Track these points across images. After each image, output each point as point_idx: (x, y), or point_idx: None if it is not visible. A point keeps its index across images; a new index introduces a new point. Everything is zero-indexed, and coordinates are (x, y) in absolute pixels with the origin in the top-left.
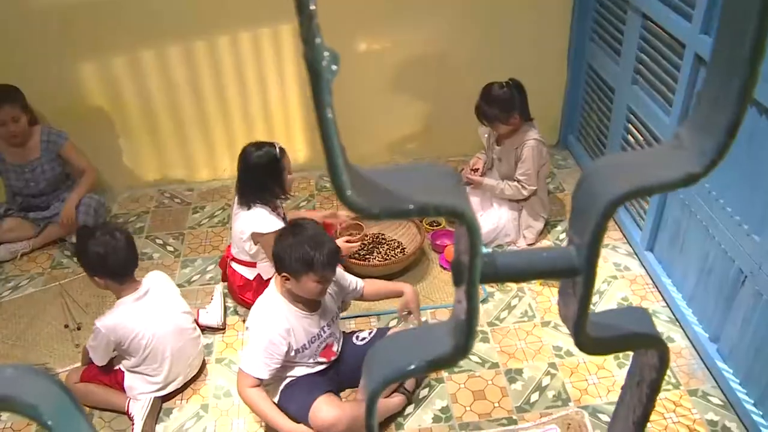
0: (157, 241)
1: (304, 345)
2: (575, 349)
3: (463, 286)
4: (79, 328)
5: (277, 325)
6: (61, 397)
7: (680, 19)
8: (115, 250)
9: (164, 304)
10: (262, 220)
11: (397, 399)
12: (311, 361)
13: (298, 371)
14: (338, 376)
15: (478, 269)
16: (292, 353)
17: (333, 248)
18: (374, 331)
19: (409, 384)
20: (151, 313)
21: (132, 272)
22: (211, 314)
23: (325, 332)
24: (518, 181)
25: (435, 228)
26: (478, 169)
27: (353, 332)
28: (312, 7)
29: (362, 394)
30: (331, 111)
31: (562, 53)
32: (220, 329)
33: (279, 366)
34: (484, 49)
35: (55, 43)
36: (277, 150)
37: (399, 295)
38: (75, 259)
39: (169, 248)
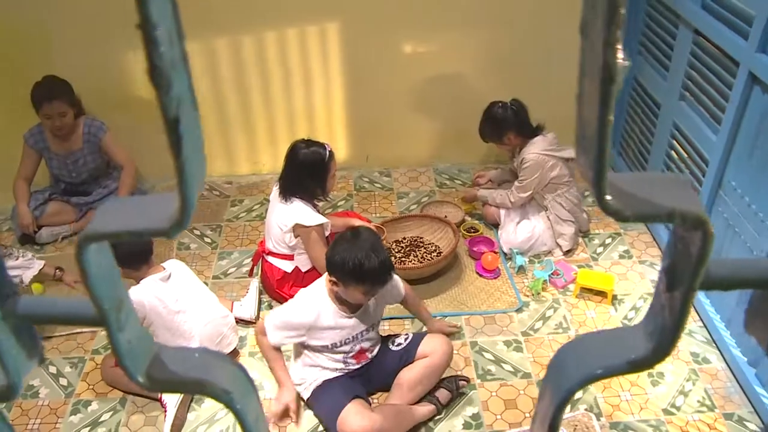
0: (195, 231)
1: (335, 344)
2: None
3: (678, 291)
4: None
5: (307, 314)
6: (244, 381)
7: (736, 36)
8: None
9: (189, 286)
10: (305, 213)
11: (427, 408)
12: (342, 360)
13: (330, 365)
14: (370, 379)
15: (700, 277)
16: (323, 346)
17: (386, 263)
18: (410, 337)
19: (443, 396)
20: (177, 293)
21: (147, 259)
22: (246, 307)
23: (362, 336)
24: (513, 188)
25: (472, 234)
26: (479, 181)
27: (389, 337)
28: (622, 11)
29: (549, 392)
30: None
31: None
32: (253, 323)
33: (292, 340)
34: (528, 59)
35: (102, 33)
36: (327, 152)
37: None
38: None
39: (207, 239)
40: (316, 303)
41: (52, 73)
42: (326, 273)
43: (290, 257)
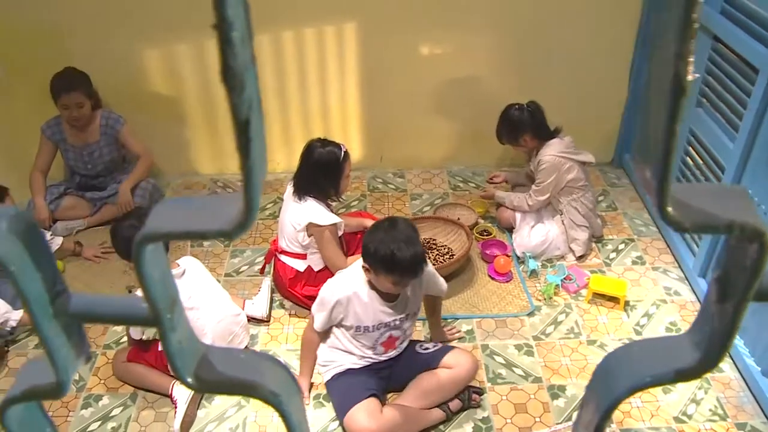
0: None
1: (368, 327)
2: None
3: (730, 302)
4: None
5: (344, 290)
6: (290, 383)
7: (756, 43)
8: None
9: (202, 283)
10: (319, 212)
11: (437, 414)
12: (372, 346)
13: (358, 352)
14: (391, 377)
15: (754, 289)
16: (354, 329)
17: (419, 255)
18: (438, 345)
19: (455, 405)
20: (190, 290)
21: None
22: (257, 306)
23: (395, 324)
24: (530, 191)
25: (486, 238)
26: (494, 181)
27: (417, 341)
28: (696, 25)
29: (595, 399)
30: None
31: (624, 71)
32: (265, 321)
33: (332, 319)
34: (545, 61)
35: (122, 28)
36: (342, 152)
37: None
38: None
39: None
40: (353, 282)
41: (72, 66)
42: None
43: (303, 256)
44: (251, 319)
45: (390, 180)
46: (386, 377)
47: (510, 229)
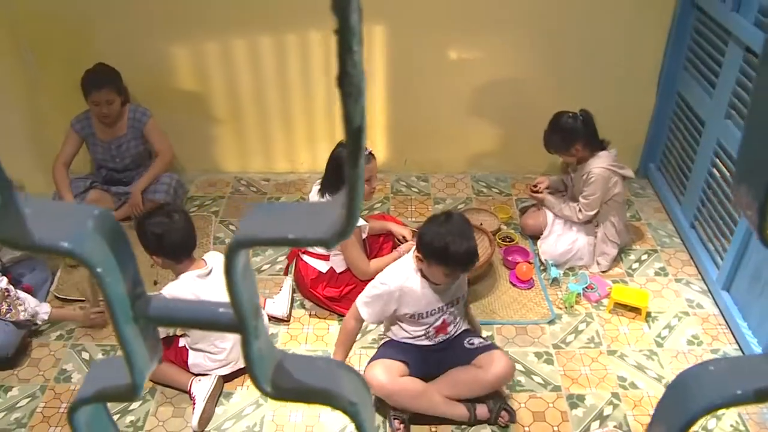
0: (231, 227)
1: (422, 314)
2: (641, 382)
3: None
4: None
5: (396, 280)
6: (365, 391)
7: None
8: (171, 230)
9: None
10: None
11: (460, 410)
12: (425, 332)
13: (415, 334)
14: (436, 364)
15: None
16: (409, 316)
17: (472, 251)
18: (484, 343)
19: (481, 412)
20: (215, 290)
21: (190, 253)
22: (278, 305)
23: (445, 309)
24: (579, 204)
25: (508, 244)
26: (539, 187)
27: (468, 333)
28: None
29: (669, 415)
30: None
31: (651, 80)
32: (285, 320)
33: (384, 311)
34: (572, 69)
35: (151, 23)
36: (369, 152)
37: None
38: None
39: None
40: (404, 271)
41: (100, 61)
42: (413, 248)
43: (326, 257)
44: (271, 318)
45: (414, 183)
46: (434, 363)
47: (534, 237)
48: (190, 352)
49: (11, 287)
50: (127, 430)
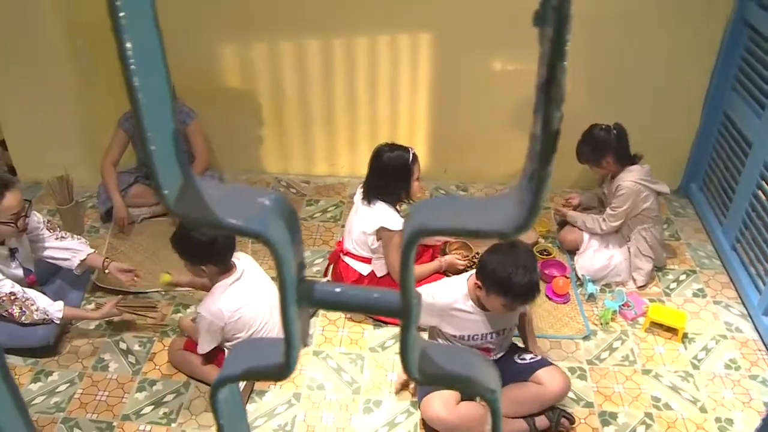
0: None
1: (464, 336)
2: (675, 403)
3: None
4: None
5: (447, 297)
6: (498, 382)
7: None
8: (218, 235)
9: (259, 283)
10: (390, 216)
11: (520, 425)
12: None
13: None
14: None
15: None
16: (450, 335)
17: (534, 284)
18: (538, 358)
19: (541, 423)
20: (249, 292)
21: (225, 260)
22: None
23: (490, 338)
24: (604, 214)
25: (545, 257)
26: (571, 202)
27: (517, 349)
28: None
29: None
30: None
31: (698, 98)
32: (312, 316)
33: (429, 321)
34: (614, 84)
35: (199, 22)
36: (410, 155)
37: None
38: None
39: None
40: (454, 292)
41: None
42: (473, 272)
43: (368, 261)
44: None
45: (453, 192)
46: None
47: (572, 251)
48: (227, 351)
49: (18, 288)
50: (161, 421)
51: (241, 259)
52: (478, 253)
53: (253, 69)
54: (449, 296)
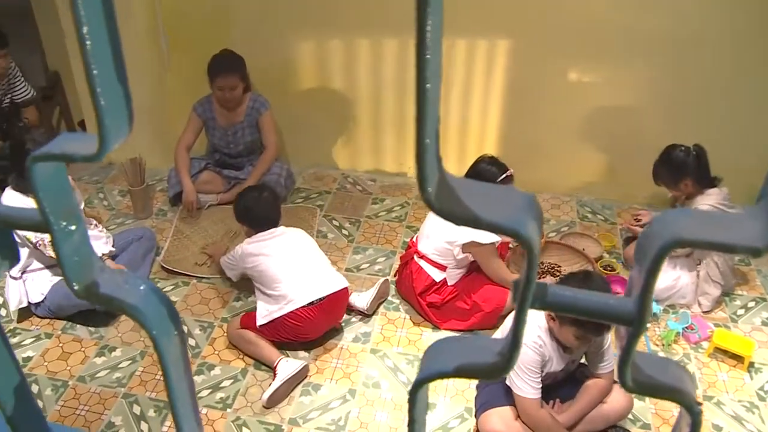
0: (334, 222)
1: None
2: None
3: None
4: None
5: (537, 353)
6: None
7: None
8: (258, 205)
9: (296, 239)
10: (481, 230)
11: None
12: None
13: None
14: (545, 393)
15: None
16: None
17: None
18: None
19: None
20: (281, 243)
21: (271, 226)
22: (362, 297)
23: (565, 370)
24: None
25: (609, 273)
26: (640, 220)
27: (583, 363)
28: None
29: None
30: None
31: None
32: (366, 314)
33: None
34: (691, 102)
35: (280, 17)
36: (502, 175)
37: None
38: None
39: (344, 231)
40: (541, 341)
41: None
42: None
43: (443, 268)
44: (352, 310)
45: None
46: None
47: None
48: (258, 303)
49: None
50: (216, 405)
51: (287, 231)
52: (542, 263)
53: (328, 65)
54: (540, 353)
